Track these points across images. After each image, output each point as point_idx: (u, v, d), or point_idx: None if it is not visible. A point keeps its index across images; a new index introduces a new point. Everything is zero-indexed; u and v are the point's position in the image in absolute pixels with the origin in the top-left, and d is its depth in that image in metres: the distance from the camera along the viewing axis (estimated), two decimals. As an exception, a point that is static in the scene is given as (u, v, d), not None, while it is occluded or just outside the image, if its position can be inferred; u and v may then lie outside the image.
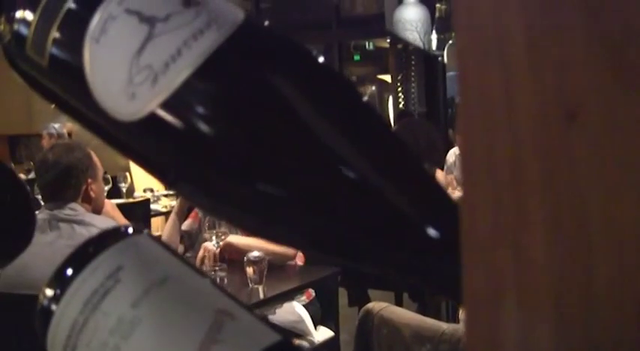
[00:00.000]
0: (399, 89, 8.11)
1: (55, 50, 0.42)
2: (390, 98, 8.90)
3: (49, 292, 0.46)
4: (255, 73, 0.40)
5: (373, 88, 9.92)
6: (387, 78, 8.88)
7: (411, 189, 0.39)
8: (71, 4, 0.42)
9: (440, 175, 4.28)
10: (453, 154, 4.84)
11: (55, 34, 0.42)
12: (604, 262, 0.27)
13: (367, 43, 9.55)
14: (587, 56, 0.27)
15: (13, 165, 6.60)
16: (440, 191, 0.40)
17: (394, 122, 6.88)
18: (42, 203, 2.68)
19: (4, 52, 0.48)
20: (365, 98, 0.43)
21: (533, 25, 0.28)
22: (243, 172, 0.39)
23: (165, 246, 0.48)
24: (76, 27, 0.42)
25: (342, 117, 0.40)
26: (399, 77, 8.07)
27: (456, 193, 4.66)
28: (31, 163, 5.69)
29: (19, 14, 0.45)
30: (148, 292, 0.43)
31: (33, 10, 0.44)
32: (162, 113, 0.39)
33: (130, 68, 0.39)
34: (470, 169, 0.30)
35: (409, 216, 0.38)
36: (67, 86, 0.44)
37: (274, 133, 0.39)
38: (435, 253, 0.38)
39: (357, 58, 9.73)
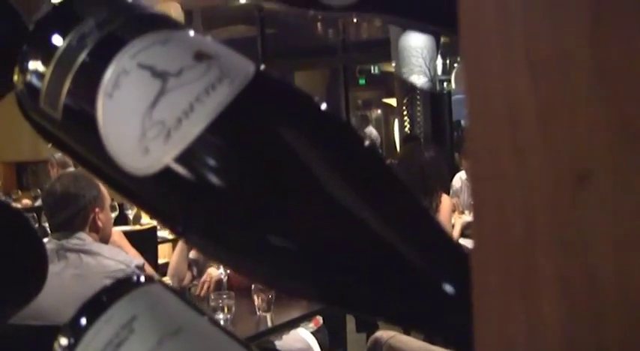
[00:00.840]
0: (405, 113, 8.12)
1: (68, 103, 0.43)
2: (396, 122, 8.91)
3: (64, 341, 0.45)
4: (266, 126, 0.40)
5: (379, 111, 9.94)
6: (393, 102, 8.90)
7: (419, 241, 0.39)
8: (85, 57, 0.43)
9: (446, 199, 4.27)
10: (459, 180, 4.84)
11: (68, 87, 0.43)
12: (614, 315, 0.27)
13: (372, 68, 9.59)
14: (597, 119, 0.27)
15: (20, 192, 6.61)
16: (448, 241, 0.41)
17: (400, 146, 6.88)
18: (49, 232, 2.68)
19: (17, 100, 0.48)
20: (367, 143, 0.43)
21: (543, 89, 0.28)
22: (254, 224, 0.39)
23: (179, 294, 0.48)
24: (89, 80, 0.42)
25: (350, 169, 0.40)
26: (405, 101, 8.08)
27: (462, 218, 4.67)
28: (38, 190, 5.70)
29: (32, 65, 0.46)
30: (161, 342, 0.43)
31: (47, 62, 0.44)
32: (174, 166, 0.39)
33: (143, 123, 0.39)
34: (481, 222, 0.30)
35: (418, 267, 0.39)
36: (79, 139, 0.44)
37: (284, 186, 0.39)
38: (445, 304, 0.38)
39: (362, 82, 9.77)
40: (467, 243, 3.83)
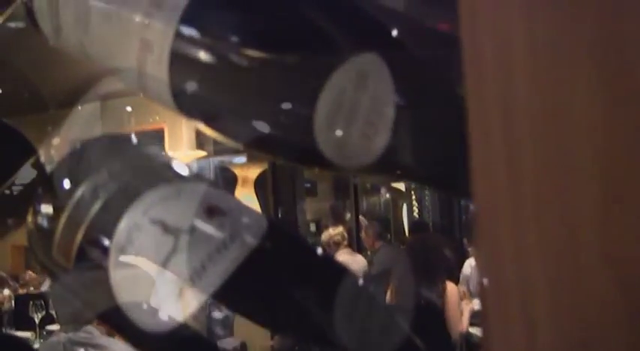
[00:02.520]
0: (413, 197, 8.13)
1: (80, 254, 0.43)
2: (405, 206, 8.91)
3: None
4: (275, 282, 0.40)
5: (387, 195, 9.95)
6: (401, 186, 8.93)
7: None
8: (97, 210, 0.43)
9: (452, 288, 4.23)
10: (469, 266, 4.80)
11: (80, 239, 0.43)
12: None
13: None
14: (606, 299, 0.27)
15: (27, 275, 6.58)
16: None
17: (408, 232, 6.85)
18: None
19: (27, 237, 0.49)
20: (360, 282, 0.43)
21: (554, 273, 0.28)
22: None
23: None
24: (101, 233, 0.43)
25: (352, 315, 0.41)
26: (413, 185, 8.10)
27: (471, 305, 4.61)
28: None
29: (45, 210, 0.46)
30: None
31: (60, 210, 0.45)
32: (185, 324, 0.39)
33: (156, 282, 0.40)
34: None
35: None
36: (90, 290, 0.45)
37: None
38: None
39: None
40: (476, 331, 3.78)
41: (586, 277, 0.28)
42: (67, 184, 0.46)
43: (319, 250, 0.44)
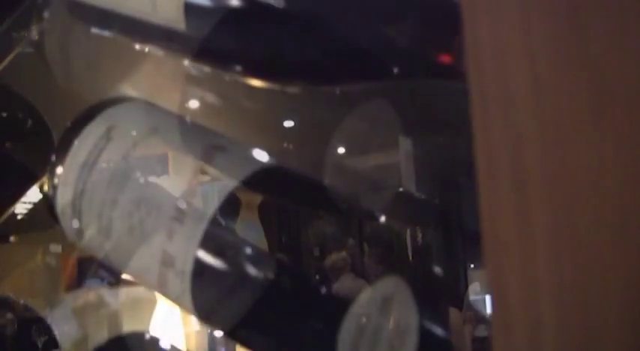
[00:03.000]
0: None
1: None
2: (408, 231, 8.87)
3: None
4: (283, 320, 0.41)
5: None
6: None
7: None
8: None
9: (455, 314, 4.21)
10: (473, 292, 4.78)
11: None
12: None
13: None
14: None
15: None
16: None
17: (411, 256, 6.82)
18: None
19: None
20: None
21: (563, 303, 0.28)
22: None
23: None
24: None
25: None
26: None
27: (475, 331, 4.58)
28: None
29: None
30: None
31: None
32: None
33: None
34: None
35: None
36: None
37: None
38: None
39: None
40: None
41: (594, 309, 0.28)
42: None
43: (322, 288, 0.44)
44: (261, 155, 0.45)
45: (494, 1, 0.31)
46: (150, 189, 0.43)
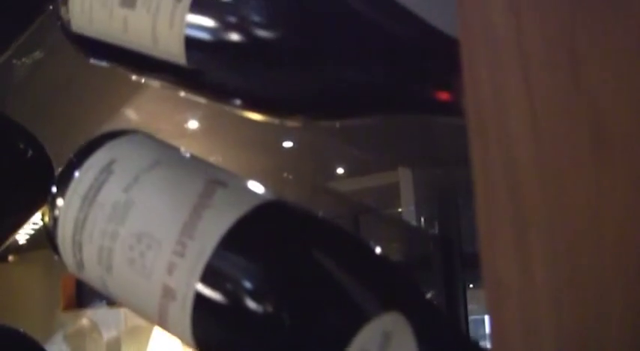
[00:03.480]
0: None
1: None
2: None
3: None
4: None
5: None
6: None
7: None
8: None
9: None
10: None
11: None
12: None
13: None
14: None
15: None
16: None
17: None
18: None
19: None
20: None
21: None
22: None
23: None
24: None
25: None
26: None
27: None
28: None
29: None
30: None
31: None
32: None
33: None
34: None
35: None
36: None
37: None
38: None
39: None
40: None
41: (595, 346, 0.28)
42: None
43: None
44: (262, 190, 0.46)
45: (492, 41, 0.31)
46: (151, 222, 0.44)
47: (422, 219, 3.74)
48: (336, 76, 0.44)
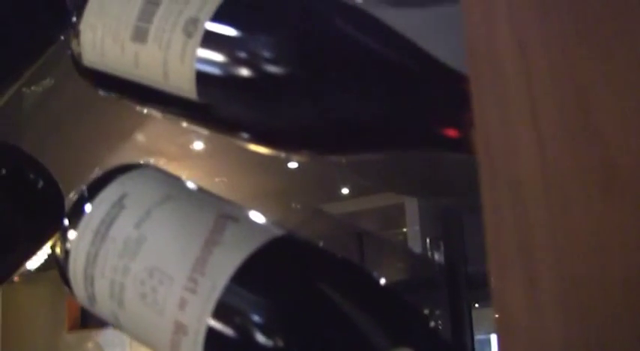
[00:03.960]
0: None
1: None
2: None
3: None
4: None
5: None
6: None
7: None
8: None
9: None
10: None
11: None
12: None
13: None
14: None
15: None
16: None
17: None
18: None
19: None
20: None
21: None
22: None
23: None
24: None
25: None
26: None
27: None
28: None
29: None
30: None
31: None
32: None
33: None
34: None
35: None
36: None
37: None
38: None
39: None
40: None
41: None
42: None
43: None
44: (271, 224, 0.46)
45: (500, 78, 0.32)
46: (162, 258, 0.44)
47: (427, 239, 3.73)
48: (344, 113, 0.44)
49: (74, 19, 0.54)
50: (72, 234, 0.48)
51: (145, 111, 0.55)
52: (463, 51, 0.32)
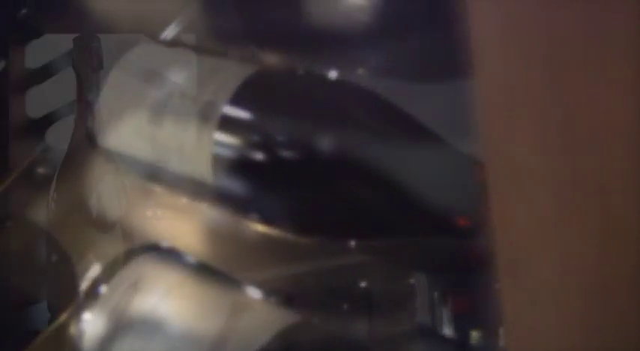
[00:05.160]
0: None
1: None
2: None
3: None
4: None
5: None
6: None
7: None
8: None
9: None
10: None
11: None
12: None
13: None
14: None
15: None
16: None
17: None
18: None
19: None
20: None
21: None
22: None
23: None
24: None
25: None
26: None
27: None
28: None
29: None
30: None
31: None
32: None
33: None
34: None
35: None
36: None
37: None
38: None
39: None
40: None
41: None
42: None
43: None
44: (285, 311, 0.46)
45: (522, 177, 0.32)
46: (180, 340, 0.44)
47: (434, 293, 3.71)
48: (360, 201, 0.45)
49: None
50: (87, 315, 0.49)
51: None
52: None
